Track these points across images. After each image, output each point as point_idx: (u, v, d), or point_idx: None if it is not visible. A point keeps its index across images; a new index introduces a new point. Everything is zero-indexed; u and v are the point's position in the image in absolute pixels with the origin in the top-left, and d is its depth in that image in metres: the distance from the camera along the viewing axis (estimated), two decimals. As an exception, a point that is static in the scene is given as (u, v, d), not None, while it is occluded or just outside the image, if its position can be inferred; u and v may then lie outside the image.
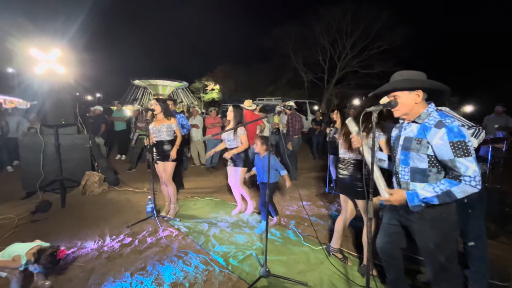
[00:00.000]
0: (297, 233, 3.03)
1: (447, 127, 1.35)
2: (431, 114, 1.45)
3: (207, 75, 30.77)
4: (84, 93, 26.14)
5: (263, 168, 3.03)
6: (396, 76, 1.55)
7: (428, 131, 1.41)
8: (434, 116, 1.44)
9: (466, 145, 1.31)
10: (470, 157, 1.31)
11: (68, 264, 2.39)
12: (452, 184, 1.33)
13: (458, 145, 1.32)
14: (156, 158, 3.38)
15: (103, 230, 3.07)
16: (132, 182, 5.04)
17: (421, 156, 1.45)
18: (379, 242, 1.81)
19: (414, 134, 1.49)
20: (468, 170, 1.30)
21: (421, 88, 1.47)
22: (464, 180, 1.31)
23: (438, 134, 1.36)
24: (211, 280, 2.18)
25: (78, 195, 4.28)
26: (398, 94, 1.51)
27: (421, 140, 1.44)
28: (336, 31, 20.50)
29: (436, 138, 1.37)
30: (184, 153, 6.41)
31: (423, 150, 1.43)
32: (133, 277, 2.20)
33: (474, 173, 1.30)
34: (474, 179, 1.29)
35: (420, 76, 1.49)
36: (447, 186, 1.34)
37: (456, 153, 1.32)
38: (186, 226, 3.19)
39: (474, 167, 1.30)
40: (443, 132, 1.35)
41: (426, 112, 1.47)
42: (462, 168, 1.31)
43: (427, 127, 1.42)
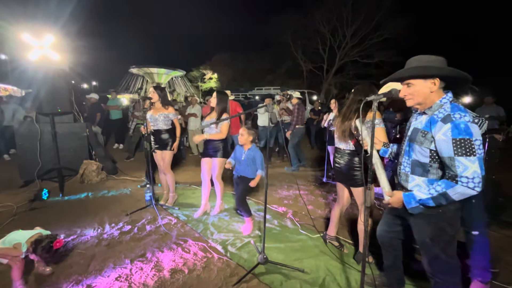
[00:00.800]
0: (294, 222, 3.07)
1: (453, 123, 1.26)
2: (443, 106, 1.35)
3: (205, 64, 30.30)
4: (79, 81, 25.66)
5: (246, 162, 2.74)
6: (412, 62, 1.42)
7: (434, 125, 1.34)
8: (445, 109, 1.34)
9: (471, 144, 1.22)
10: (472, 157, 1.22)
11: (69, 251, 2.42)
12: (449, 185, 1.28)
13: (461, 143, 1.23)
14: (154, 147, 3.37)
15: (102, 218, 3.09)
16: (130, 171, 5.04)
17: (423, 150, 1.40)
18: (379, 230, 1.84)
19: (422, 126, 1.42)
20: (467, 171, 1.22)
21: (438, 76, 1.35)
22: (460, 181, 1.24)
23: (443, 129, 1.28)
24: (210, 267, 2.22)
25: (77, 184, 4.28)
26: (412, 82, 1.40)
27: (426, 133, 1.38)
28: (337, 20, 20.09)
29: (440, 133, 1.30)
30: (181, 142, 6.39)
31: (426, 144, 1.37)
32: (133, 264, 2.24)
33: (474, 174, 1.21)
34: (472, 180, 1.22)
35: (438, 63, 1.36)
36: (443, 188, 1.29)
37: (457, 151, 1.24)
38: (184, 214, 3.22)
39: (475, 168, 1.21)
40: (448, 127, 1.27)
41: (438, 104, 1.37)
42: (460, 167, 1.24)
43: (434, 120, 1.35)
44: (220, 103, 2.98)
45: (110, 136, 7.95)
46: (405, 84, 1.44)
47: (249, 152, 2.75)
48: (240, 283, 2.01)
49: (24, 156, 4.23)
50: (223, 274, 2.13)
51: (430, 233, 1.46)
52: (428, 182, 1.42)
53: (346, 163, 2.21)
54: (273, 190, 4.19)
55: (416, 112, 1.53)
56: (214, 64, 29.50)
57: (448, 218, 1.40)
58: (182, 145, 6.42)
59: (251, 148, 2.76)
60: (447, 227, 1.42)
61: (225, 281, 2.04)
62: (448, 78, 1.37)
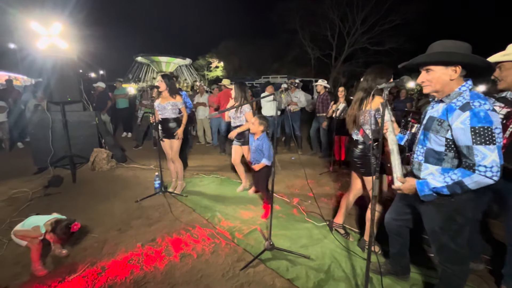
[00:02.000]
0: (301, 210, 3.10)
1: (472, 111, 1.21)
2: (462, 94, 1.31)
3: (211, 52, 29.96)
4: (87, 70, 25.86)
5: (255, 150, 2.89)
6: (434, 47, 1.36)
7: (451, 113, 1.30)
8: (464, 97, 1.29)
9: (490, 132, 1.19)
10: (491, 146, 1.19)
11: (83, 235, 2.52)
12: (465, 174, 1.25)
13: (480, 131, 1.19)
14: (162, 136, 3.41)
15: (113, 204, 3.19)
16: (139, 159, 5.14)
17: (438, 139, 1.37)
18: (387, 218, 1.84)
19: (438, 115, 1.38)
20: (485, 159, 1.19)
21: (460, 63, 1.30)
22: (478, 170, 1.21)
23: (461, 118, 1.25)
24: (217, 252, 2.28)
25: (88, 171, 4.40)
26: (432, 68, 1.35)
27: (442, 121, 1.34)
28: (347, 5, 19.37)
29: (457, 121, 1.26)
30: (189, 131, 6.44)
31: (442, 133, 1.34)
32: (144, 248, 2.32)
33: (492, 163, 1.19)
34: (490, 169, 1.19)
35: (463, 49, 1.30)
36: (459, 176, 1.26)
37: (476, 140, 1.20)
38: (192, 201, 3.29)
39: (493, 157, 1.18)
40: (467, 115, 1.23)
41: (456, 92, 1.33)
42: (478, 156, 1.20)
43: (452, 108, 1.30)
44: (239, 93, 3.28)
45: (118, 125, 8.06)
46: (424, 70, 1.39)
47: (258, 141, 2.86)
48: (247, 268, 2.07)
49: (36, 144, 4.35)
50: (231, 259, 2.19)
51: (439, 221, 1.45)
52: (442, 171, 1.40)
53: (358, 152, 2.21)
54: (280, 178, 4.22)
55: (433, 101, 1.49)
56: (220, 52, 29.15)
57: (459, 207, 1.39)
58: (189, 134, 6.47)
59: (260, 137, 2.86)
60: (457, 216, 1.41)
61: (232, 266, 2.10)
62: (469, 66, 1.31)
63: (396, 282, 1.92)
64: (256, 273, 2.03)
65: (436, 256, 1.55)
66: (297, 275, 2.00)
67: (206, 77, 30.32)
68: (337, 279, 1.97)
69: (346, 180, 4.19)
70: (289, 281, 1.94)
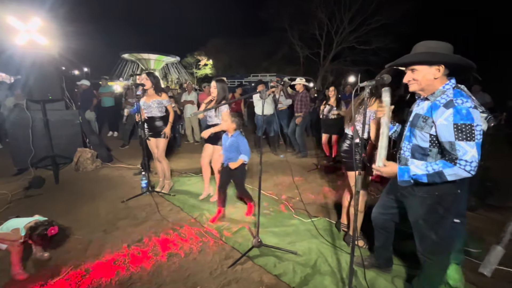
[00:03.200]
0: (288, 207, 3.14)
1: (455, 108, 1.28)
2: (446, 92, 1.37)
3: (200, 50, 29.60)
4: (70, 67, 24.96)
5: (230, 149, 2.72)
6: (418, 47, 1.43)
7: (435, 110, 1.36)
8: (447, 95, 1.36)
9: (471, 129, 1.25)
10: (472, 142, 1.25)
11: (66, 237, 2.45)
12: (446, 165, 1.31)
13: (462, 127, 1.26)
14: (148, 135, 3.35)
15: (98, 205, 3.12)
16: (125, 159, 5.03)
17: (423, 135, 1.43)
18: (374, 212, 1.90)
19: (423, 112, 1.44)
20: (466, 154, 1.25)
21: (443, 63, 1.36)
22: (459, 163, 1.27)
23: (445, 114, 1.31)
24: (205, 250, 2.28)
25: (71, 171, 4.28)
26: (417, 67, 1.41)
27: (427, 118, 1.40)
28: (334, 4, 19.59)
29: (441, 118, 1.32)
30: (177, 130, 6.37)
31: (427, 129, 1.40)
32: (130, 248, 2.29)
33: (472, 158, 1.25)
34: (470, 164, 1.25)
35: (445, 49, 1.36)
36: (440, 167, 1.32)
37: (458, 136, 1.27)
38: (180, 200, 3.26)
39: (473, 153, 1.25)
40: (450, 112, 1.29)
41: (440, 90, 1.39)
42: (460, 151, 1.27)
43: (436, 106, 1.36)
44: (220, 91, 3.02)
45: (103, 124, 7.86)
46: (410, 69, 1.45)
47: (232, 139, 2.70)
48: (235, 265, 2.08)
49: (16, 144, 4.18)
50: (219, 257, 2.20)
51: (423, 213, 1.51)
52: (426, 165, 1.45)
53: (346, 146, 2.28)
54: (268, 176, 4.24)
55: (419, 99, 1.54)
56: (209, 50, 28.85)
57: (442, 200, 1.45)
58: (177, 133, 6.40)
59: (234, 135, 2.70)
60: (440, 209, 1.47)
61: (220, 264, 2.11)
62: (452, 65, 1.38)
63: (379, 274, 1.99)
64: (244, 270, 2.05)
65: (419, 247, 1.61)
66: (284, 270, 2.03)
67: (195, 75, 29.96)
68: (323, 273, 2.01)
69: (333, 177, 4.27)
70: (277, 277, 1.96)
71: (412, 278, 1.77)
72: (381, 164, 1.54)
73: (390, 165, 1.52)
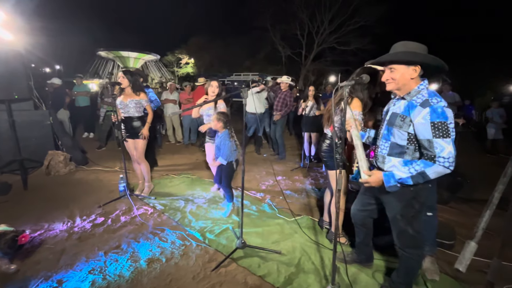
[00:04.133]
0: (272, 206, 3.14)
1: (432, 107, 1.33)
2: (421, 92, 1.42)
3: (181, 48, 28.90)
4: (41, 64, 23.48)
5: (217, 147, 2.85)
6: (397, 47, 1.46)
7: (413, 109, 1.40)
8: (422, 95, 1.41)
9: (447, 127, 1.31)
10: (448, 139, 1.31)
11: (35, 246, 2.29)
12: (427, 165, 1.36)
13: (438, 125, 1.32)
14: (125, 136, 3.21)
15: (72, 211, 2.94)
16: (102, 161, 4.80)
17: (401, 133, 1.47)
18: (353, 209, 1.94)
19: (401, 111, 1.48)
20: (444, 151, 1.31)
21: (420, 63, 1.41)
22: (438, 161, 1.33)
23: (422, 113, 1.36)
24: (188, 254, 2.22)
25: (42, 176, 4.01)
26: (395, 67, 1.45)
27: (405, 117, 1.45)
28: (315, 5, 19.95)
29: (419, 117, 1.37)
30: (158, 130, 6.18)
31: (405, 128, 1.44)
32: (107, 256, 2.18)
33: (449, 154, 1.31)
34: (448, 160, 1.31)
35: (422, 50, 1.41)
36: (422, 167, 1.37)
37: (435, 134, 1.32)
38: (161, 203, 3.16)
39: (450, 149, 1.31)
40: (427, 111, 1.34)
41: (416, 90, 1.44)
42: (438, 148, 1.32)
43: (413, 105, 1.41)
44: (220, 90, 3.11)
45: (78, 124, 7.46)
46: (389, 68, 1.49)
47: (218, 138, 2.81)
48: (219, 268, 2.04)
49: (-22, 147, 3.85)
50: (202, 260, 2.15)
51: (400, 209, 1.57)
52: (403, 162, 1.50)
53: (325, 146, 2.30)
54: (252, 176, 4.23)
55: (395, 98, 1.59)
56: (190, 48, 28.21)
57: (417, 195, 1.51)
58: (158, 133, 6.21)
59: (221, 135, 2.79)
60: (415, 204, 1.53)
61: (203, 267, 2.06)
62: (427, 67, 1.43)
63: (360, 269, 2.04)
64: (227, 272, 2.01)
65: (396, 241, 1.67)
66: (268, 271, 2.02)
67: (176, 73, 29.25)
68: (307, 271, 2.02)
69: (316, 175, 4.33)
70: (261, 278, 1.95)
71: (392, 271, 1.83)
72: (365, 176, 1.56)
73: (374, 173, 1.54)
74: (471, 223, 2.53)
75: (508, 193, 1.13)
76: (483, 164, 5.28)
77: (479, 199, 3.14)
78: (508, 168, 1.04)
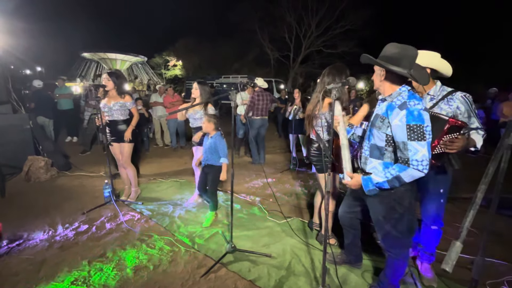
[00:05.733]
0: (262, 209, 3.13)
1: (408, 110, 1.35)
2: (401, 94, 1.44)
3: (168, 50, 28.54)
4: (20, 66, 22.56)
5: (209, 150, 2.74)
6: (385, 48, 1.47)
7: (392, 111, 1.42)
8: (402, 97, 1.42)
9: (422, 129, 1.32)
10: (423, 142, 1.32)
11: (13, 257, 2.17)
12: (402, 169, 1.37)
13: (414, 128, 1.32)
14: (110, 139, 3.11)
15: (53, 219, 2.82)
16: (86, 166, 4.64)
17: (380, 134, 1.49)
18: (340, 211, 1.95)
19: (382, 112, 1.50)
20: (417, 154, 1.32)
21: (384, 68, 1.44)
22: (412, 164, 1.33)
23: (399, 115, 1.37)
24: (176, 260, 2.17)
25: (21, 183, 3.82)
26: (374, 68, 1.51)
27: (384, 118, 1.47)
28: (302, 8, 20.25)
29: (396, 119, 1.39)
30: (145, 133, 6.05)
31: (384, 129, 1.47)
32: (91, 265, 2.09)
33: (422, 157, 1.31)
34: (421, 163, 1.32)
35: (405, 53, 1.40)
36: (397, 171, 1.39)
37: (410, 136, 1.33)
38: (149, 209, 3.07)
39: (423, 152, 1.31)
40: (403, 114, 1.35)
41: (397, 91, 1.45)
42: (412, 151, 1.33)
43: (392, 107, 1.43)
44: (203, 93, 3.00)
45: (60, 128, 7.19)
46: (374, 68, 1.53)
47: (211, 140, 2.74)
48: (208, 274, 2.00)
49: (-50, 153, 3.63)
50: (190, 266, 2.10)
51: (382, 211, 1.58)
52: (383, 164, 1.52)
53: (313, 150, 2.30)
54: (241, 179, 4.20)
55: (380, 99, 1.61)
56: (178, 50, 27.89)
57: (398, 198, 1.53)
58: (145, 136, 6.08)
59: (214, 136, 2.74)
60: (397, 206, 1.54)
61: (192, 274, 2.01)
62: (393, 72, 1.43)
63: (350, 270, 2.05)
64: (217, 278, 1.98)
65: (382, 243, 1.69)
66: (259, 275, 1.99)
67: (164, 76, 28.82)
68: (297, 274, 2.02)
69: (305, 177, 4.36)
70: (251, 282, 1.92)
71: (380, 271, 1.85)
72: (348, 178, 1.59)
73: (355, 177, 1.58)
74: (457, 221, 2.61)
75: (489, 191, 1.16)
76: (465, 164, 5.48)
77: (463, 198, 3.26)
78: (489, 169, 1.07)
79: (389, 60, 1.41)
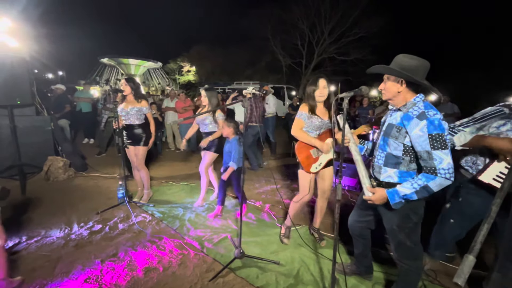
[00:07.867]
0: (271, 216, 3.12)
1: (429, 120, 1.35)
2: (417, 104, 1.44)
3: (182, 56, 29.29)
4: (44, 70, 23.77)
5: (228, 153, 2.91)
6: (395, 59, 1.49)
7: (409, 121, 1.42)
8: (419, 107, 1.42)
9: (444, 138, 1.33)
10: (446, 150, 1.33)
11: (31, 253, 2.26)
12: (429, 178, 1.36)
13: (436, 137, 1.33)
14: (126, 142, 3.22)
15: (69, 218, 2.92)
16: (101, 167, 4.79)
17: (397, 144, 1.48)
18: (350, 221, 1.93)
19: (397, 122, 1.50)
20: (443, 163, 1.33)
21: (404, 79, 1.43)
22: (439, 173, 1.33)
23: (420, 125, 1.37)
24: (185, 263, 2.20)
25: (41, 182, 4.00)
26: (385, 78, 1.51)
27: (400, 128, 1.47)
28: (315, 16, 20.36)
29: (416, 129, 1.38)
30: (158, 137, 6.20)
31: (400, 139, 1.46)
32: (103, 264, 2.15)
33: (448, 166, 1.32)
34: (448, 171, 1.32)
35: (415, 65, 1.41)
36: (424, 181, 1.37)
37: (434, 146, 1.34)
38: (160, 211, 3.14)
39: (448, 160, 1.33)
40: (424, 124, 1.35)
41: (412, 102, 1.45)
42: (437, 160, 1.33)
43: (410, 117, 1.42)
44: (212, 99, 3.09)
45: (78, 130, 7.48)
46: (384, 78, 1.53)
47: (228, 144, 2.88)
48: (216, 278, 2.01)
49: (-22, 152, 3.85)
50: (199, 270, 2.12)
51: (397, 220, 1.56)
52: (399, 173, 1.51)
53: None
54: (251, 184, 4.22)
55: (392, 109, 1.61)
56: (192, 56, 28.57)
57: (413, 207, 1.51)
58: (158, 140, 6.23)
59: (231, 140, 2.88)
60: (412, 215, 1.52)
61: (201, 277, 2.03)
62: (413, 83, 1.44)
63: (360, 281, 2.01)
64: (225, 283, 1.99)
65: (394, 253, 1.66)
66: (267, 281, 1.99)
67: (177, 81, 29.52)
68: (305, 283, 2.00)
69: (315, 184, 4.31)
70: (259, 289, 1.92)
71: (391, 284, 1.80)
72: (369, 194, 1.55)
73: (378, 191, 1.52)
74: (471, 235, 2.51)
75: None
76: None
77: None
78: (505, 183, 1.04)
79: (408, 71, 1.42)
